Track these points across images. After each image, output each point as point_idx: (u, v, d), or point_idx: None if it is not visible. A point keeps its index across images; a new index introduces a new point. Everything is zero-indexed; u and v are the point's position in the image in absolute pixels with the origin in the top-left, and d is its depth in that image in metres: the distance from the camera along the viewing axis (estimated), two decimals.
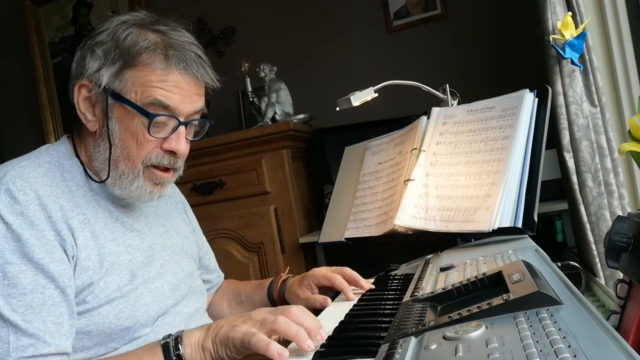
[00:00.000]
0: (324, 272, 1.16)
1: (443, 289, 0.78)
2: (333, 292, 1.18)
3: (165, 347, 0.81)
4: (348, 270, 1.15)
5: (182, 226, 1.19)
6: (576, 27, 1.47)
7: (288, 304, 1.17)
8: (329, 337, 0.78)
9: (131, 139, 0.92)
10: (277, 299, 1.22)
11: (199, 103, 0.96)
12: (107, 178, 0.94)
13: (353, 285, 1.13)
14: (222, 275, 1.34)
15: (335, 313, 0.96)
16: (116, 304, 0.91)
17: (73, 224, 0.90)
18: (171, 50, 0.91)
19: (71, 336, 0.86)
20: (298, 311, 0.79)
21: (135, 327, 0.93)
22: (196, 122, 0.98)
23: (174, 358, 0.80)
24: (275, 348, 0.73)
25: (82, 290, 0.89)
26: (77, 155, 0.98)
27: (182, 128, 0.94)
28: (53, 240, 0.86)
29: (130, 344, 0.93)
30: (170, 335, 0.83)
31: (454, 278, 0.87)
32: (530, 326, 0.54)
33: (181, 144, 0.94)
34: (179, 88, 0.91)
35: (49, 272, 0.84)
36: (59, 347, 0.83)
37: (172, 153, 0.95)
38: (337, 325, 0.83)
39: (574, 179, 1.52)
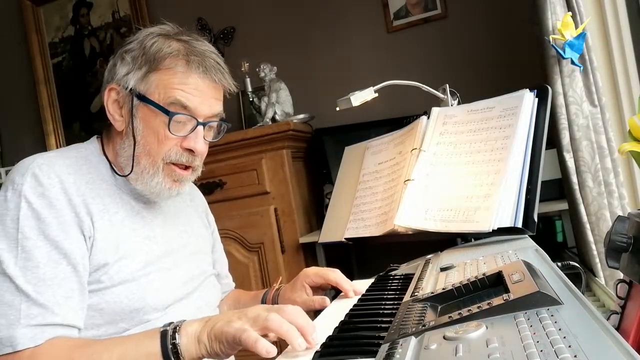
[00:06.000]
0: (315, 270, 1.20)
1: (443, 289, 0.78)
2: (324, 292, 1.20)
3: (163, 334, 0.84)
4: (337, 270, 1.18)
5: (201, 229, 1.25)
6: (576, 27, 1.47)
7: None
8: (329, 337, 0.77)
9: (153, 136, 1.00)
10: None
11: (217, 107, 1.03)
12: (131, 172, 1.02)
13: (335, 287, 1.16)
14: (233, 284, 1.38)
15: (335, 313, 0.96)
16: (128, 286, 0.97)
17: (92, 210, 0.97)
18: (192, 56, 1.00)
19: (81, 311, 0.92)
20: (292, 310, 0.81)
21: (145, 309, 0.98)
22: (214, 124, 1.06)
23: (170, 346, 0.83)
24: (263, 345, 0.75)
25: (97, 270, 0.95)
26: (105, 154, 1.06)
27: (200, 128, 1.01)
28: (70, 221, 0.93)
29: (140, 326, 0.97)
30: (171, 323, 0.86)
31: (454, 278, 0.86)
32: (531, 326, 0.54)
33: (199, 143, 1.02)
34: (198, 91, 0.99)
35: (62, 249, 0.91)
36: (66, 319, 0.88)
37: (191, 152, 1.02)
38: (337, 325, 0.83)
39: (574, 179, 1.52)
